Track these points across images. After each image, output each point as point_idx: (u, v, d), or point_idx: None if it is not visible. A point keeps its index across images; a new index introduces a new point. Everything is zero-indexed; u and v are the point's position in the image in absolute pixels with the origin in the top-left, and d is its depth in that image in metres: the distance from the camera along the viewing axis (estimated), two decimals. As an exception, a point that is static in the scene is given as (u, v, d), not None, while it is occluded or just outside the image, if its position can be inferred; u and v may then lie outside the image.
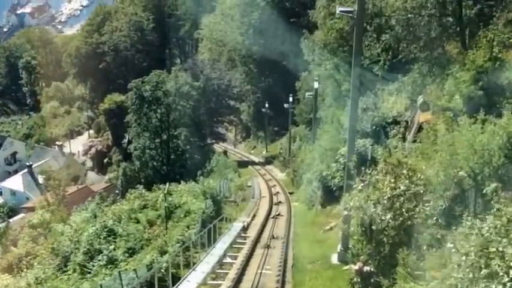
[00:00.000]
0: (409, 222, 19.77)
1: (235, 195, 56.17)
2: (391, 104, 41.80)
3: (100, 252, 32.47)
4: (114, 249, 32.57)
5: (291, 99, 79.18)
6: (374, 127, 39.26)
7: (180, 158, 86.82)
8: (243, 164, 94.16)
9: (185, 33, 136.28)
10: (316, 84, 57.70)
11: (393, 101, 42.07)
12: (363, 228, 22.29)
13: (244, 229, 39.59)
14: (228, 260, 30.22)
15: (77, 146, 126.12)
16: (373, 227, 21.55)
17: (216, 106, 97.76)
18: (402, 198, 20.20)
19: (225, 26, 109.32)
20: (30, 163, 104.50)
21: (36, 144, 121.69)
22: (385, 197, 20.76)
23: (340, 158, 37.34)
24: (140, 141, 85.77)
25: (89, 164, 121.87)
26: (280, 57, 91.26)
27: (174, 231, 35.90)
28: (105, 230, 35.38)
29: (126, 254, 32.55)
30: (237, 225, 39.30)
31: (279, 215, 45.45)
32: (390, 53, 40.51)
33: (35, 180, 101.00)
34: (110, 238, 34.53)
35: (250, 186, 66.44)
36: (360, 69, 50.03)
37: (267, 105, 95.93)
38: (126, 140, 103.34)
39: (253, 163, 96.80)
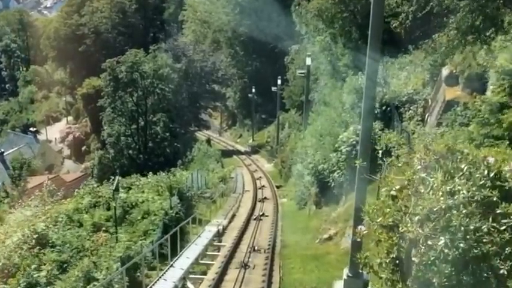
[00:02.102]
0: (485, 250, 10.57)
1: (214, 189, 46.93)
2: (403, 79, 32.46)
3: (17, 269, 23.13)
4: (40, 267, 23.14)
5: (279, 81, 69.75)
6: (383, 107, 29.93)
7: (158, 146, 77.95)
8: (227, 153, 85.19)
9: (170, 16, 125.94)
10: (308, 60, 48.36)
11: (406, 75, 32.75)
12: (396, 261, 13.02)
13: (219, 235, 30.43)
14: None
15: (55, 132, 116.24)
16: (415, 259, 12.36)
17: (199, 91, 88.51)
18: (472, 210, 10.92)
19: (209, 6, 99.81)
20: (2, 150, 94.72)
21: (9, 131, 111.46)
22: (437, 209, 11.53)
23: (341, 147, 28.23)
24: (115, 127, 76.56)
25: (67, 152, 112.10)
26: (268, 38, 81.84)
27: (126, 239, 26.73)
28: (34, 237, 26.03)
29: (56, 272, 23.13)
30: (210, 230, 30.09)
31: (263, 215, 36.28)
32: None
33: (7, 168, 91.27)
34: (38, 249, 25.13)
35: (232, 178, 57.28)
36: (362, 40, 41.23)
37: (253, 90, 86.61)
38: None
39: (238, 152, 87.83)
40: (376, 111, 30.07)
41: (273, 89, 72.00)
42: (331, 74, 43.33)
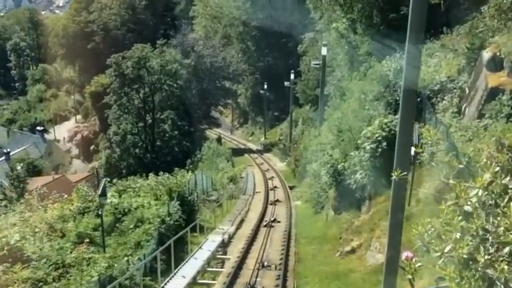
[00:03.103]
0: None
1: (222, 191, 42.78)
2: (432, 66, 28.00)
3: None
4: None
5: (292, 75, 65.32)
6: (413, 98, 25.50)
7: (166, 145, 73.89)
8: (238, 152, 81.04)
9: (181, 12, 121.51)
10: (324, 50, 43.92)
11: (436, 62, 28.31)
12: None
13: (224, 245, 26.26)
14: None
15: (63, 132, 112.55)
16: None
17: (209, 87, 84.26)
18: None
19: (220, 0, 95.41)
20: (8, 150, 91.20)
21: (16, 130, 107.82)
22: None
23: (364, 143, 23.91)
24: (121, 126, 72.41)
25: (75, 151, 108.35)
26: (281, 32, 77.62)
27: (109, 255, 22.59)
28: (6, 249, 21.91)
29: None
30: (214, 240, 25.92)
31: (274, 220, 31.99)
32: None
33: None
34: (9, 264, 21.00)
35: (242, 178, 53.11)
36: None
37: (265, 86, 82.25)
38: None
39: (250, 151, 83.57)
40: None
41: (286, 83, 67.66)
42: (349, 64, 38.99)
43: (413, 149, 21.35)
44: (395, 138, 23.73)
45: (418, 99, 25.80)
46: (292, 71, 66.07)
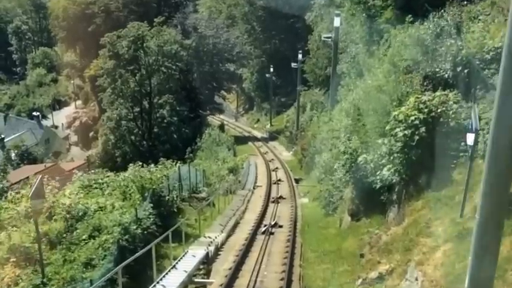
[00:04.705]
0: None
1: (217, 185, 36.22)
2: (478, 31, 20.95)
3: None
4: None
5: (300, 56, 58.41)
6: (458, 68, 18.55)
7: (165, 132, 67.28)
8: (242, 140, 74.77)
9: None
10: (337, 21, 36.86)
11: (482, 26, 21.26)
12: None
13: (207, 261, 19.70)
14: None
15: (62, 118, 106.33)
16: None
17: (212, 70, 77.58)
18: None
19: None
20: (2, 136, 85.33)
21: (12, 115, 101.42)
22: None
23: (396, 129, 17.27)
24: (115, 111, 65.87)
25: (74, 138, 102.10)
26: (288, 14, 71.05)
27: (59, 274, 16.21)
28: None
29: None
30: (195, 255, 19.32)
31: (276, 225, 25.33)
32: None
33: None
34: None
35: (243, 169, 46.62)
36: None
37: (272, 70, 75.51)
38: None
39: (254, 139, 77.12)
40: (445, 75, 19.10)
41: (293, 65, 60.75)
42: (367, 37, 32.18)
43: (471, 137, 14.74)
44: (436, 122, 16.70)
45: (466, 72, 19.09)
46: (300, 51, 59.13)
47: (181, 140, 66.43)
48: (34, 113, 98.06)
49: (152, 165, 28.58)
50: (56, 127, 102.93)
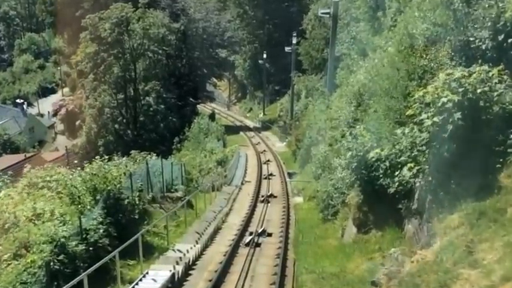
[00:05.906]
0: None
1: (200, 180, 31.50)
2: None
3: None
4: None
5: (294, 40, 53.52)
6: (500, 37, 13.75)
7: (151, 120, 62.64)
8: (233, 129, 70.43)
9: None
10: (336, -6, 32.02)
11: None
12: None
13: (172, 287, 14.98)
14: None
15: (49, 106, 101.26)
16: None
17: (202, 56, 73.00)
18: None
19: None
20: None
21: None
22: None
23: (422, 114, 12.57)
24: (98, 98, 61.02)
25: (60, 127, 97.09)
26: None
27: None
28: None
29: None
30: (156, 278, 14.56)
31: (263, 232, 20.60)
32: None
33: (-6, 147, 77.04)
34: None
35: (231, 162, 41.96)
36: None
37: (265, 56, 70.82)
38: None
39: (246, 128, 72.65)
40: (482, 47, 14.33)
41: (287, 49, 55.96)
42: (371, 11, 27.49)
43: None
44: (476, 107, 11.62)
45: (509, 41, 14.33)
46: (294, 33, 54.16)
47: (168, 129, 62.10)
48: (18, 101, 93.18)
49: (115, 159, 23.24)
50: (42, 115, 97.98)
